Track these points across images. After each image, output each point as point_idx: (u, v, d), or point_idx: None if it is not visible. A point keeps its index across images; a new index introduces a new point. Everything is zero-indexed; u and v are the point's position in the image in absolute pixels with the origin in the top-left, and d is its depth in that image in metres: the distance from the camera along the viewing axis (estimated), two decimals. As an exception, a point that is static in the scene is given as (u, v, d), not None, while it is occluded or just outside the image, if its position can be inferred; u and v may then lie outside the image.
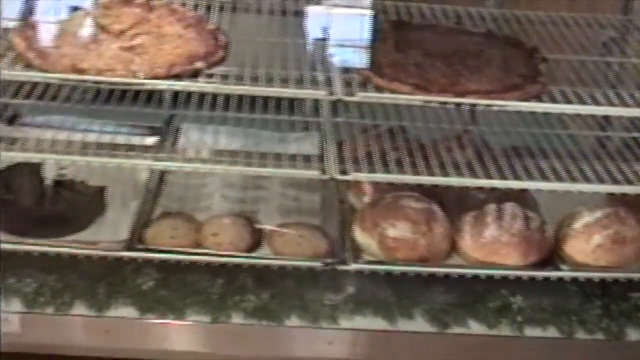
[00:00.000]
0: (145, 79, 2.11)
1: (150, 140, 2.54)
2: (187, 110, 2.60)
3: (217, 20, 2.38)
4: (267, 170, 2.23)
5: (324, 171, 2.21)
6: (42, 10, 2.33)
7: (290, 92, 2.13)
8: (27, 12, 2.32)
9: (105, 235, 2.30)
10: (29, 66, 2.12)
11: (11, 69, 2.11)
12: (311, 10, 2.29)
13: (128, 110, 2.60)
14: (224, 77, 2.16)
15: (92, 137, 2.40)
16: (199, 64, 2.16)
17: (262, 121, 2.58)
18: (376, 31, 2.20)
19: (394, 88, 2.13)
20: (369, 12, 2.16)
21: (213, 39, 2.28)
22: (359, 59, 2.19)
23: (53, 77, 2.11)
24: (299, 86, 2.12)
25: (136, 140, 2.50)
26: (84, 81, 2.11)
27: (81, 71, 2.11)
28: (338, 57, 2.19)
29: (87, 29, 2.30)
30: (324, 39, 2.22)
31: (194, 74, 2.15)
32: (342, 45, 2.18)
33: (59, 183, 2.36)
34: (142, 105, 2.62)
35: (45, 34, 2.24)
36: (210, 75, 2.15)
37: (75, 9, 2.35)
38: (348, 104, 2.33)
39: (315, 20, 2.28)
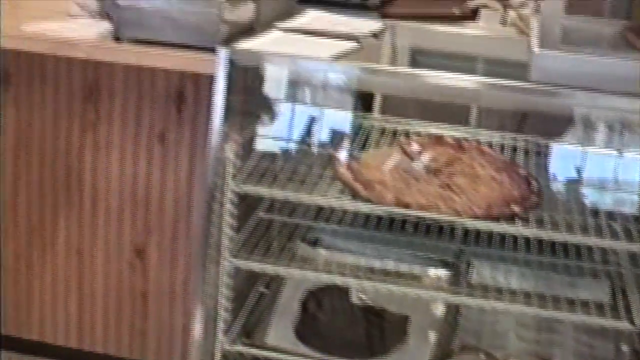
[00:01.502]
0: (465, 218, 2.21)
1: (442, 273, 2.61)
2: (478, 247, 2.67)
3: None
4: (574, 317, 2.26)
5: (632, 322, 2.22)
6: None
7: (607, 243, 2.18)
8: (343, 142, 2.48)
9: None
10: (355, 196, 2.26)
11: (339, 198, 2.25)
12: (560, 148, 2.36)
13: (420, 241, 2.69)
14: (539, 222, 2.23)
15: (389, 265, 2.50)
16: (515, 208, 2.24)
17: (549, 264, 2.62)
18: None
19: None
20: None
21: (526, 183, 2.36)
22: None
23: (380, 209, 2.24)
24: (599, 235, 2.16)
25: (430, 271, 2.58)
26: (407, 215, 2.22)
27: (405, 205, 2.23)
28: (593, 198, 2.24)
29: (402, 163, 2.42)
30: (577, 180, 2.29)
31: (510, 217, 2.22)
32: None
33: (364, 307, 2.47)
34: (432, 238, 2.70)
35: (368, 167, 2.37)
36: (526, 220, 2.22)
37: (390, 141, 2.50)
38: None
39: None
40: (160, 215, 2.75)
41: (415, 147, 2.49)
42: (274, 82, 2.49)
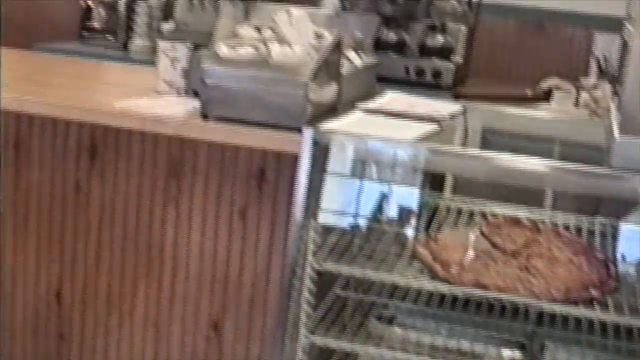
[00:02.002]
0: (543, 301, 2.22)
1: (516, 354, 2.61)
2: (552, 329, 2.66)
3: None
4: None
5: None
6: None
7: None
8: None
9: None
10: (434, 277, 2.28)
11: (419, 279, 2.28)
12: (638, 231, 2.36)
13: (494, 321, 2.69)
14: (617, 307, 2.23)
15: (464, 345, 2.51)
16: (594, 292, 2.24)
17: (627, 350, 2.60)
18: None
19: None
20: None
21: (604, 267, 2.36)
22: None
23: (459, 290, 2.26)
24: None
25: (504, 352, 2.58)
26: (486, 296, 2.24)
27: (483, 287, 2.25)
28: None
29: (480, 244, 2.44)
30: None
31: (588, 301, 2.23)
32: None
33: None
34: (507, 318, 2.70)
35: (446, 247, 2.40)
36: (605, 304, 2.22)
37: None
38: None
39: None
40: (237, 290, 2.80)
41: (492, 228, 2.51)
42: (354, 161, 2.54)
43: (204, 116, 2.50)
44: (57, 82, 3.10)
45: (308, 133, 2.30)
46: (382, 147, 2.33)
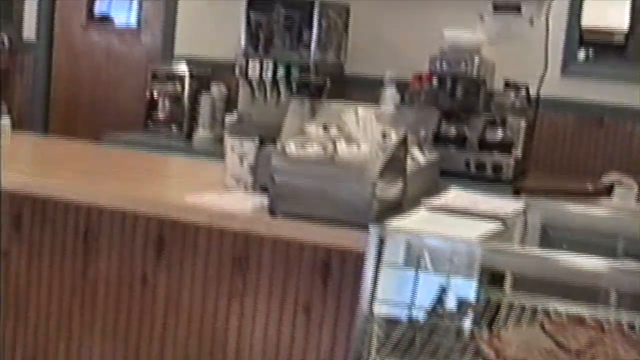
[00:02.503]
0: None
1: None
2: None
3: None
4: None
5: None
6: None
7: None
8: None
9: None
10: (499, 376, 2.28)
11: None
12: None
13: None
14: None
15: None
16: (663, 392, 2.22)
17: None
18: None
19: None
20: None
21: (672, 369, 2.34)
22: None
23: (523, 390, 2.26)
24: None
25: None
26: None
27: (548, 385, 2.24)
28: None
29: (543, 343, 2.43)
30: None
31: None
32: None
33: None
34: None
35: (510, 345, 2.40)
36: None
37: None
38: None
39: None
40: (299, 384, 2.81)
41: (555, 327, 2.50)
42: (417, 256, 2.56)
43: (272, 212, 2.55)
44: (126, 175, 3.18)
45: (375, 231, 2.33)
46: (446, 245, 2.35)
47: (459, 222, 2.50)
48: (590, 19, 4.76)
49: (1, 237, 3.06)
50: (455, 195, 2.82)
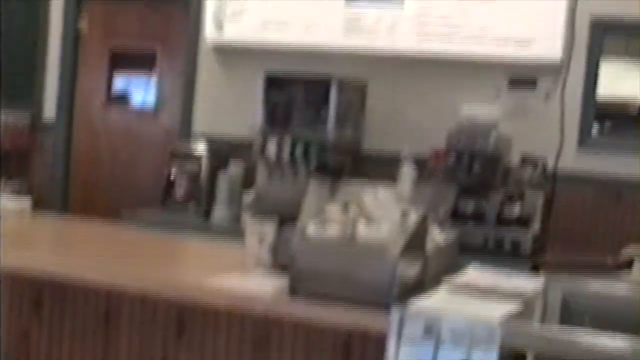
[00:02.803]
0: None
1: None
2: None
3: None
4: None
5: None
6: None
7: None
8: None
9: None
10: None
11: None
12: None
13: None
14: None
15: None
16: None
17: None
18: None
19: None
20: None
21: None
22: None
23: None
24: None
25: None
26: None
27: None
28: None
29: None
30: None
31: None
32: None
33: None
34: None
35: None
36: None
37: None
38: None
39: None
40: None
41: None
42: (439, 336, 2.55)
43: (292, 292, 2.55)
44: (145, 257, 3.19)
45: (397, 312, 2.33)
46: (466, 326, 2.34)
47: (480, 303, 2.50)
48: (606, 90, 4.80)
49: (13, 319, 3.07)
50: (475, 273, 2.82)
